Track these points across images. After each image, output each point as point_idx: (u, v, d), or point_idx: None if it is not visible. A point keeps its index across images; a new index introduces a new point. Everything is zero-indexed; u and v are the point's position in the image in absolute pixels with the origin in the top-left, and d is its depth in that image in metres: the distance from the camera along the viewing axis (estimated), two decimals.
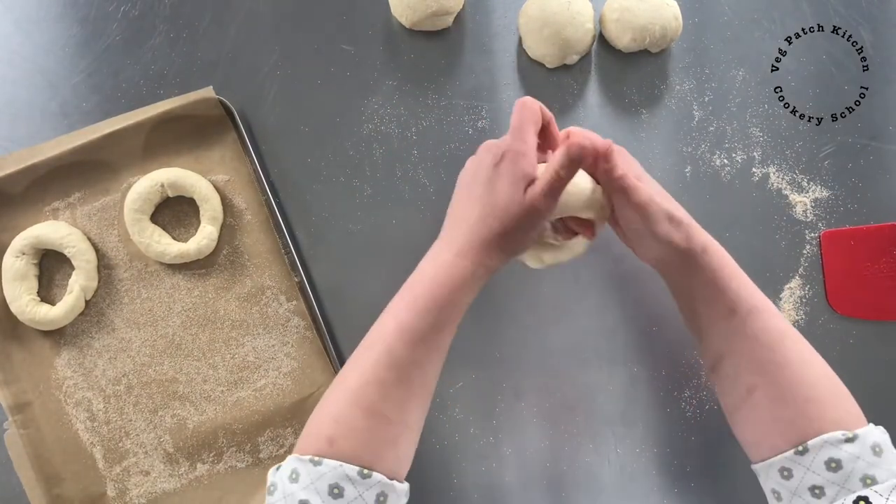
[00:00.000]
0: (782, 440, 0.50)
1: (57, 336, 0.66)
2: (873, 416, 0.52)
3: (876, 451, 0.47)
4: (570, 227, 0.58)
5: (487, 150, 0.54)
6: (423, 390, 0.52)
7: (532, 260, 0.60)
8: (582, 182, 0.54)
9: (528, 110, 0.53)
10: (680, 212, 0.54)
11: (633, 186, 0.52)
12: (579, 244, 0.59)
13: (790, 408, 0.50)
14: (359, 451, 0.47)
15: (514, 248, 0.53)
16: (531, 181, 0.51)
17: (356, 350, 0.52)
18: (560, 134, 0.57)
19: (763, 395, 0.51)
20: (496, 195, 0.51)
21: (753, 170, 0.70)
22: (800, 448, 0.48)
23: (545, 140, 0.57)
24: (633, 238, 0.57)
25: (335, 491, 0.45)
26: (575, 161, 0.49)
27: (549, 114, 0.55)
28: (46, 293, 0.66)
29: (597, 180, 0.55)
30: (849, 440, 0.47)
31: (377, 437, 0.48)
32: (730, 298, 0.53)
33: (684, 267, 0.54)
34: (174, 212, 0.67)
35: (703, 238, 0.54)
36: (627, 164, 0.56)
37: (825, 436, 0.47)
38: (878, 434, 0.49)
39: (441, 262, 0.52)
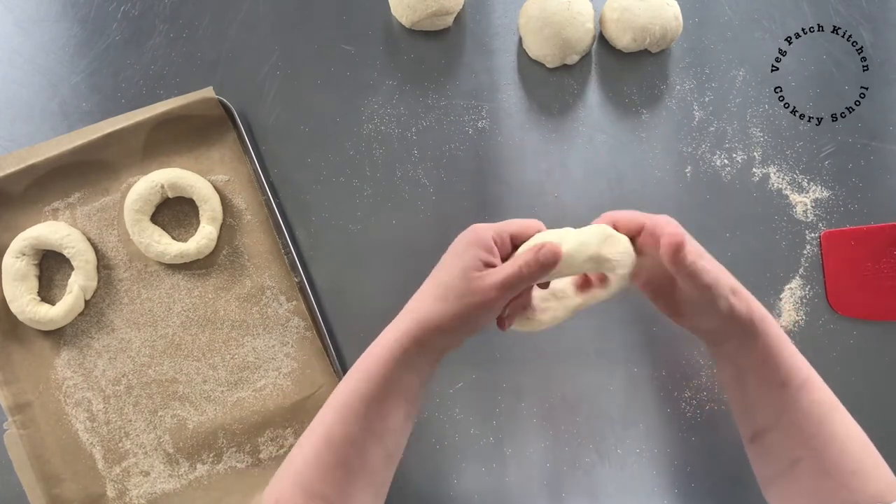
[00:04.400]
0: None
1: (57, 336, 0.66)
2: (873, 417, 0.52)
3: None
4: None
5: (465, 230, 0.52)
6: (365, 473, 0.48)
7: (520, 324, 0.56)
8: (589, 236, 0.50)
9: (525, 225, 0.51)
10: (737, 282, 0.53)
11: (701, 270, 0.49)
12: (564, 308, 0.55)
13: (834, 480, 0.49)
14: None
15: (461, 332, 0.50)
16: (487, 266, 0.49)
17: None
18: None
19: (807, 468, 0.51)
20: (444, 276, 0.50)
21: (754, 170, 0.70)
22: None
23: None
24: (687, 312, 0.53)
25: None
26: (546, 267, 0.47)
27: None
28: (46, 293, 0.66)
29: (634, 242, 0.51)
30: None
31: None
32: (785, 369, 0.52)
33: (742, 336, 0.52)
34: (174, 212, 0.67)
35: (759, 306, 0.53)
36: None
37: None
38: None
39: (388, 338, 0.50)
